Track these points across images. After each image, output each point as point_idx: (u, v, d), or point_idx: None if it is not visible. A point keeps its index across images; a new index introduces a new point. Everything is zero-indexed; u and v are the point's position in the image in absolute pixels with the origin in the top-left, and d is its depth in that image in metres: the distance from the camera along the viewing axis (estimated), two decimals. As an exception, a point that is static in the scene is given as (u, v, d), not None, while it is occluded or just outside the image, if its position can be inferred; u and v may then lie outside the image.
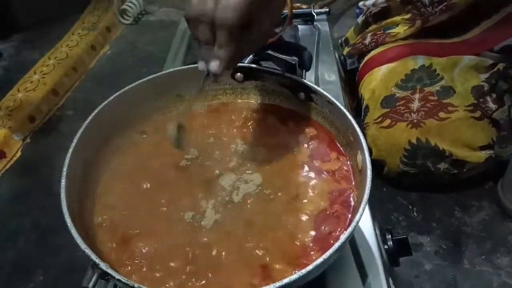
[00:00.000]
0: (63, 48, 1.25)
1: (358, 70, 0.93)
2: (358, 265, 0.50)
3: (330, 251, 0.37)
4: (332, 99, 0.53)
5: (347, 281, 0.49)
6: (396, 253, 0.54)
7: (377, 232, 0.55)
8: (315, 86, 0.55)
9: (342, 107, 0.51)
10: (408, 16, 0.88)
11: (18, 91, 1.09)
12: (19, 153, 0.99)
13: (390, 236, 0.55)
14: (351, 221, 0.44)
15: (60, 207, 0.41)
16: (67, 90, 1.16)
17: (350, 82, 0.95)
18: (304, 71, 0.59)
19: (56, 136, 1.03)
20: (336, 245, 0.37)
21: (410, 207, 0.81)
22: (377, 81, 0.86)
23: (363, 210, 0.41)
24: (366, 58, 0.93)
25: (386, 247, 0.55)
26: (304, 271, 0.36)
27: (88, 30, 1.35)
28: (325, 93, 0.54)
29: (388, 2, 0.91)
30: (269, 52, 0.64)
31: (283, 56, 0.64)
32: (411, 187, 0.83)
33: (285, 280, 0.35)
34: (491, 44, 0.80)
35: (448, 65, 0.81)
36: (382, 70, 0.87)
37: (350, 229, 0.39)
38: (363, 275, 0.49)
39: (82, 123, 0.49)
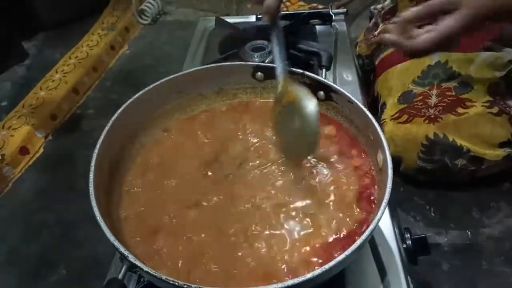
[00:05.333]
0: (84, 48, 1.28)
1: (374, 70, 0.93)
2: (377, 263, 0.50)
3: (353, 247, 0.37)
4: (353, 98, 0.53)
5: (366, 279, 0.49)
6: (414, 252, 0.55)
7: (396, 231, 0.55)
8: (335, 86, 0.56)
9: (362, 106, 0.52)
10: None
11: (41, 89, 1.12)
12: (41, 150, 1.01)
13: (408, 235, 0.55)
14: (372, 219, 0.44)
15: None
16: (87, 89, 1.19)
17: (366, 82, 0.95)
18: (324, 70, 0.60)
19: (77, 133, 1.06)
20: (358, 241, 0.38)
21: (428, 207, 0.81)
22: (393, 78, 0.87)
23: (384, 208, 0.41)
24: (380, 58, 0.93)
25: (404, 246, 0.55)
26: (327, 266, 0.37)
27: (107, 30, 1.38)
28: (345, 92, 0.54)
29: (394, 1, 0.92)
30: (289, 51, 0.65)
31: (303, 56, 0.65)
32: (428, 186, 0.83)
33: (308, 275, 0.36)
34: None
35: (464, 62, 0.81)
36: (398, 68, 0.87)
37: (371, 226, 0.40)
38: (382, 273, 0.50)
39: (102, 121, 0.50)
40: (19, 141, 0.98)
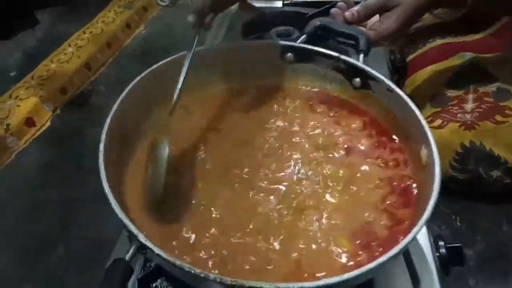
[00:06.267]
0: (99, 24, 1.23)
1: (406, 67, 0.88)
2: (409, 270, 0.45)
3: (400, 246, 0.32)
4: (393, 86, 0.48)
5: (397, 286, 0.45)
6: (448, 262, 0.50)
7: (431, 238, 0.50)
8: (375, 72, 0.51)
9: (404, 96, 0.47)
10: None
11: (52, 62, 1.08)
12: (48, 123, 0.97)
13: (443, 243, 0.51)
14: (413, 221, 0.39)
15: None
16: (100, 65, 1.14)
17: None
18: (361, 55, 0.54)
19: (86, 110, 1.01)
20: (404, 241, 0.33)
21: (454, 216, 0.75)
22: (421, 80, 0.82)
23: (432, 208, 0.37)
24: (411, 56, 0.88)
25: (437, 254, 0.50)
26: (365, 268, 0.32)
27: (124, 8, 1.33)
28: (385, 80, 0.50)
29: None
30: (321, 33, 0.60)
31: (339, 39, 0.60)
32: (456, 195, 0.77)
33: (345, 276, 0.31)
34: None
35: (500, 63, 0.75)
36: (428, 70, 0.82)
37: (416, 228, 0.35)
38: (415, 281, 0.45)
39: (113, 99, 0.46)
40: (25, 112, 0.93)
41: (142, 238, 0.32)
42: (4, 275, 0.68)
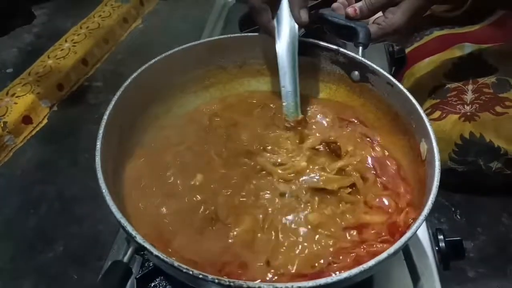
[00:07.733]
0: (96, 19, 1.22)
1: (404, 60, 0.88)
2: (409, 267, 0.45)
3: (400, 242, 0.32)
4: (393, 80, 0.48)
5: (397, 283, 0.44)
6: (448, 256, 0.49)
7: (430, 231, 0.50)
8: (374, 65, 0.50)
9: (404, 90, 0.46)
10: None
11: (48, 58, 1.07)
12: (45, 121, 0.96)
13: (442, 236, 0.50)
14: (413, 216, 0.39)
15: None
16: (97, 60, 1.13)
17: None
18: (361, 48, 0.53)
19: (83, 106, 1.01)
20: (407, 235, 0.33)
21: (453, 209, 0.75)
22: (421, 72, 0.81)
23: (432, 204, 0.36)
24: (411, 47, 0.87)
25: (437, 248, 0.50)
26: (365, 266, 0.31)
27: (121, 2, 1.32)
28: (385, 73, 0.49)
29: None
30: (320, 26, 0.59)
31: (338, 32, 0.59)
32: (455, 188, 0.77)
33: (345, 274, 0.31)
34: None
35: (501, 55, 0.74)
36: (426, 61, 0.81)
37: (418, 222, 0.35)
38: (415, 278, 0.45)
39: (110, 95, 0.45)
40: (22, 109, 0.93)
41: (140, 239, 0.32)
42: (2, 271, 0.68)
